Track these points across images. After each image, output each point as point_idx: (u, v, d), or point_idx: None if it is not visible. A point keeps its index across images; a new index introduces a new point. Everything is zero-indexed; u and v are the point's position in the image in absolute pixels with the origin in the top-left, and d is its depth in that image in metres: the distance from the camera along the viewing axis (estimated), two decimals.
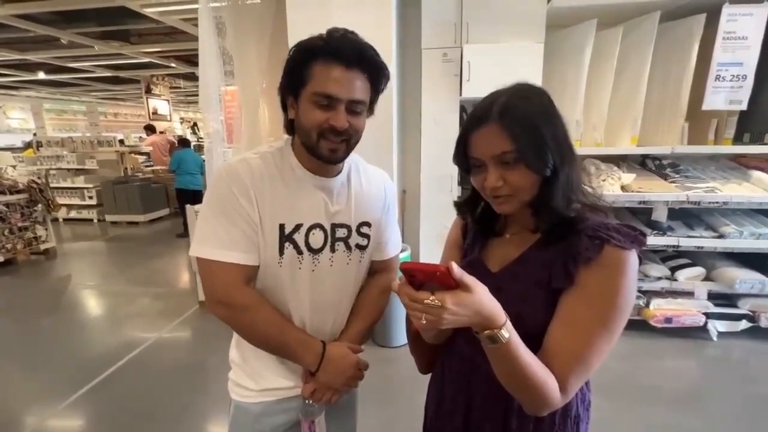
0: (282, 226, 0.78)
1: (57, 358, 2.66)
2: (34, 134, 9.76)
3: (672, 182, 2.51)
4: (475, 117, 0.62)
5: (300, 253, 0.80)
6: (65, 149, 7.09)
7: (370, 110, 0.80)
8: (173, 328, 3.01)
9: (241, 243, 0.76)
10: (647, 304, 2.61)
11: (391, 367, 2.20)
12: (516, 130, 0.59)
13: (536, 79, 2.36)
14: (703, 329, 2.56)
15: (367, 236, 0.88)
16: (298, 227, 0.79)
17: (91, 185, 6.76)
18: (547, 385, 0.56)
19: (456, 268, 0.50)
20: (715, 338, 2.55)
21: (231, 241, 0.76)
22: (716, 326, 2.55)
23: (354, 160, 0.90)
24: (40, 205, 4.73)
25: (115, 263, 4.91)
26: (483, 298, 0.53)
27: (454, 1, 2.40)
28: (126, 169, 7.24)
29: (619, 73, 2.45)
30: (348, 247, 0.85)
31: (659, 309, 2.57)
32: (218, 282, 0.77)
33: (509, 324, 0.55)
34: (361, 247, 0.88)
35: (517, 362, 0.55)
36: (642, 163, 2.84)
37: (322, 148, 0.74)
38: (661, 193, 2.43)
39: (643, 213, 2.65)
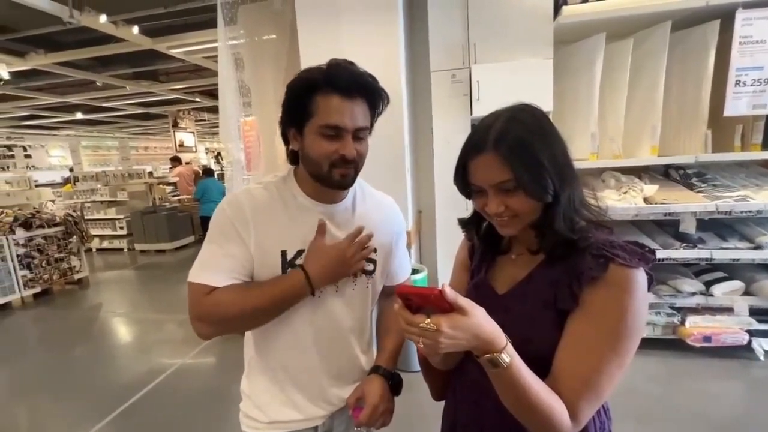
0: (284, 253, 0.79)
1: (88, 385, 2.74)
2: (71, 170, 10.40)
3: (699, 192, 2.41)
4: (472, 145, 0.62)
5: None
6: (99, 183, 7.51)
7: (371, 131, 0.82)
8: (196, 355, 3.05)
9: (220, 266, 0.76)
10: (682, 322, 2.46)
11: (410, 392, 2.18)
12: (513, 158, 0.58)
13: (547, 95, 2.36)
14: (748, 348, 2.38)
15: (372, 261, 0.88)
16: (300, 253, 0.80)
17: (121, 216, 7.09)
18: (554, 411, 0.54)
19: (449, 291, 0.50)
20: (762, 357, 2.36)
21: (211, 264, 0.77)
22: (762, 345, 2.37)
23: (359, 185, 0.91)
24: (74, 237, 4.98)
25: (143, 291, 5.08)
26: (481, 320, 0.51)
27: (460, 23, 2.46)
28: (154, 199, 7.58)
29: (633, 84, 2.41)
30: (354, 273, 0.85)
31: (696, 327, 2.41)
32: (192, 300, 0.77)
33: (510, 347, 0.53)
34: (367, 273, 0.87)
35: (521, 387, 0.53)
36: (665, 174, 2.74)
37: (334, 176, 0.76)
38: (687, 203, 2.32)
39: (669, 225, 2.54)
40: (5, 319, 4.09)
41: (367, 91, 0.75)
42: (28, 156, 10.58)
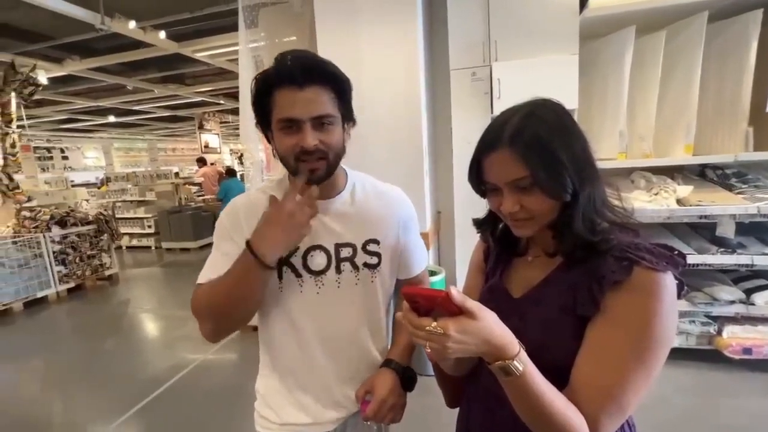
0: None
1: (116, 377, 2.84)
2: (104, 171, 10.90)
3: (738, 193, 2.26)
4: (487, 141, 0.59)
5: (299, 276, 0.80)
6: (129, 183, 7.82)
7: (350, 121, 0.78)
8: (217, 351, 3.11)
9: (215, 265, 0.78)
10: (719, 332, 2.31)
11: (427, 396, 2.15)
12: (529, 155, 0.55)
13: (572, 92, 2.27)
14: None
15: (375, 254, 0.84)
16: (294, 251, 0.79)
17: (149, 215, 7.36)
18: (572, 424, 0.50)
19: (456, 294, 0.47)
20: None
21: (209, 265, 0.80)
22: None
23: (359, 178, 0.88)
24: (105, 235, 5.20)
25: (169, 288, 5.25)
26: (491, 325, 0.48)
27: (481, 20, 2.40)
28: (180, 199, 7.83)
29: (665, 79, 2.28)
30: (354, 267, 0.82)
31: (734, 337, 2.26)
32: (192, 301, 0.79)
33: (524, 355, 0.50)
34: (370, 266, 0.84)
35: (536, 397, 0.49)
36: (701, 174, 2.59)
37: (302, 170, 0.73)
38: (725, 205, 2.18)
39: (705, 228, 2.39)
40: (42, 312, 4.31)
41: (322, 78, 0.71)
42: (65, 157, 11.14)
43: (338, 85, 0.74)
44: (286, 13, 2.75)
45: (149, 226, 7.36)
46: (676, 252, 0.55)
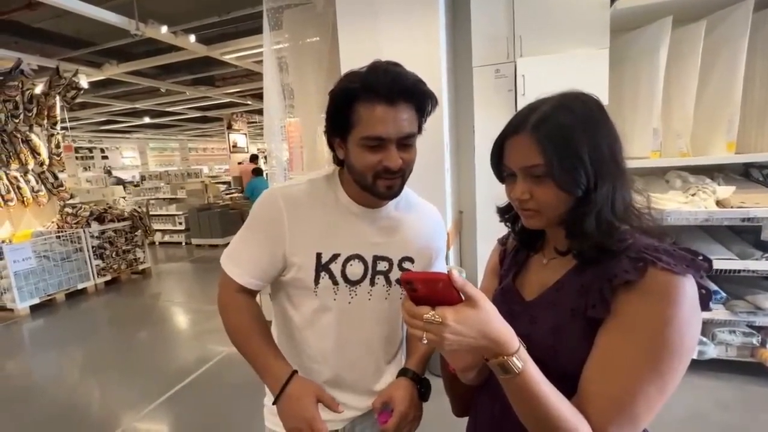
0: (319, 255, 0.78)
1: (147, 367, 2.98)
2: (140, 170, 11.44)
3: None
4: (512, 124, 0.58)
5: (336, 283, 0.79)
6: (162, 181, 8.17)
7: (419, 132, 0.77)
8: None
9: (248, 266, 0.80)
10: (763, 343, 2.15)
11: (444, 398, 2.12)
12: (548, 143, 0.53)
13: (602, 88, 2.17)
14: None
15: (408, 271, 0.84)
16: (335, 257, 0.78)
17: (180, 212, 7.66)
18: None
19: (457, 276, 0.44)
20: None
21: (240, 260, 0.81)
22: None
23: (404, 192, 0.87)
24: (139, 231, 5.45)
25: (198, 282, 5.44)
26: (491, 317, 0.46)
27: (505, 15, 2.34)
28: (209, 197, 8.10)
29: (705, 73, 2.14)
30: (388, 282, 0.82)
31: None
32: (221, 283, 0.83)
33: (524, 353, 0.47)
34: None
35: (536, 399, 0.46)
36: (745, 174, 2.42)
37: (379, 187, 0.72)
38: None
39: (748, 232, 2.23)
40: (82, 303, 4.58)
41: (411, 95, 0.69)
42: (105, 157, 11.80)
43: (423, 102, 0.71)
44: (309, 13, 2.79)
45: (180, 223, 7.67)
46: (700, 256, 0.50)
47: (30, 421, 2.37)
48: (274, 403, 0.75)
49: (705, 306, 0.49)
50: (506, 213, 0.70)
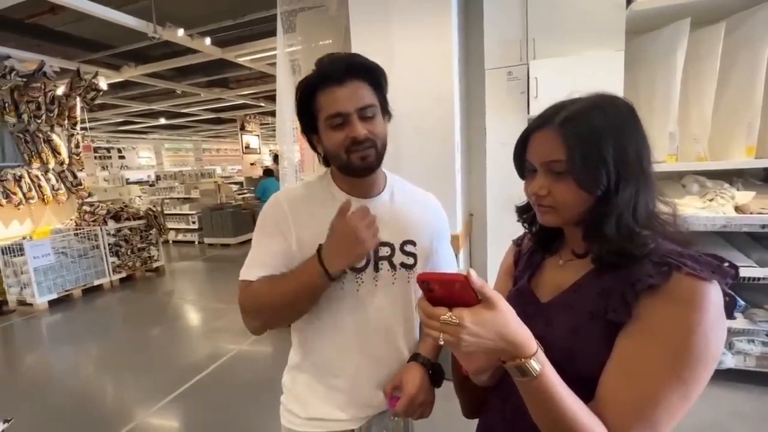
0: (321, 247, 0.80)
1: (159, 363, 3.04)
2: (155, 170, 11.67)
3: None
4: (540, 118, 0.58)
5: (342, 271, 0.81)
6: (177, 181, 8.32)
7: (386, 113, 0.81)
8: (252, 343, 3.23)
9: (265, 262, 0.81)
10: None
11: (453, 400, 2.11)
12: (573, 140, 0.53)
13: (617, 91, 2.11)
14: None
15: (412, 255, 0.86)
16: None
17: (194, 212, 7.79)
18: None
19: (475, 277, 0.45)
20: None
21: (257, 261, 0.82)
22: None
23: (397, 180, 0.91)
24: (154, 230, 5.56)
25: (209, 281, 5.53)
26: (508, 319, 0.46)
27: (518, 18, 2.32)
28: (221, 197, 8.22)
29: (724, 75, 2.10)
30: (392, 266, 0.84)
31: None
32: (240, 294, 0.81)
33: (542, 355, 0.47)
34: (407, 266, 0.86)
35: (554, 402, 0.46)
36: (765, 179, 2.35)
37: (354, 160, 0.76)
38: None
39: None
40: (98, 299, 4.69)
41: (359, 71, 0.76)
42: (122, 157, 12.06)
43: (374, 76, 0.78)
44: (322, 16, 2.81)
45: (193, 222, 7.79)
46: (726, 263, 0.49)
47: (47, 414, 2.43)
48: (329, 276, 0.73)
49: (730, 313, 0.48)
50: (524, 212, 0.69)
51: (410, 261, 0.86)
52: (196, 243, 7.73)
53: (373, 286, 0.83)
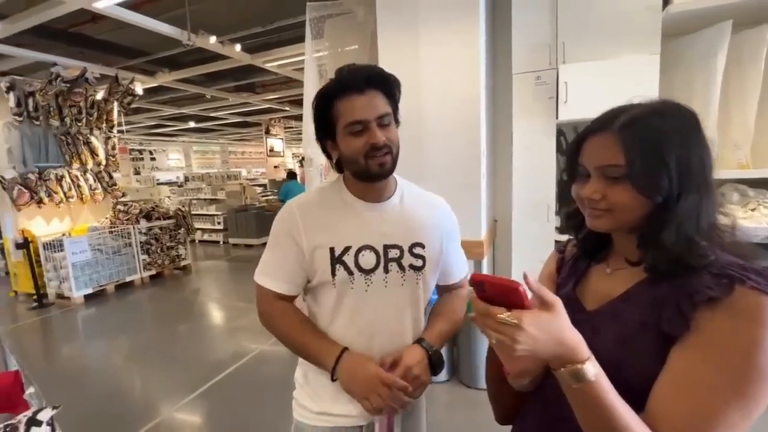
0: (332, 250, 0.84)
1: (185, 359, 3.13)
2: (183, 172, 12.09)
3: None
4: (598, 121, 0.57)
5: (351, 273, 0.84)
6: (204, 183, 8.59)
7: (397, 120, 0.85)
8: (273, 343, 3.28)
9: (278, 273, 0.88)
10: None
11: (476, 411, 2.00)
12: (632, 145, 0.51)
13: (651, 95, 2.07)
14: None
15: (420, 257, 0.88)
16: (347, 249, 0.84)
17: (219, 213, 8.02)
18: None
19: (533, 280, 0.44)
20: None
21: (270, 270, 0.89)
22: None
23: (407, 185, 0.94)
24: (182, 229, 5.76)
25: (233, 280, 5.67)
26: (567, 323, 0.45)
27: (548, 22, 2.29)
28: (246, 198, 8.43)
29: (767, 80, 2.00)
30: (401, 268, 0.86)
31: None
32: (258, 298, 0.91)
33: (594, 360, 0.46)
34: (416, 268, 0.87)
35: (606, 410, 0.45)
36: None
37: (372, 166, 0.80)
38: None
39: None
40: (129, 295, 4.89)
41: (377, 82, 0.80)
42: (153, 159, 12.58)
43: (390, 87, 0.82)
44: (350, 22, 2.86)
45: (219, 223, 8.02)
46: None
47: (81, 404, 2.54)
48: (334, 379, 0.83)
49: None
50: (572, 218, 0.67)
51: (419, 263, 0.88)
52: (221, 243, 7.94)
53: (383, 287, 0.85)
